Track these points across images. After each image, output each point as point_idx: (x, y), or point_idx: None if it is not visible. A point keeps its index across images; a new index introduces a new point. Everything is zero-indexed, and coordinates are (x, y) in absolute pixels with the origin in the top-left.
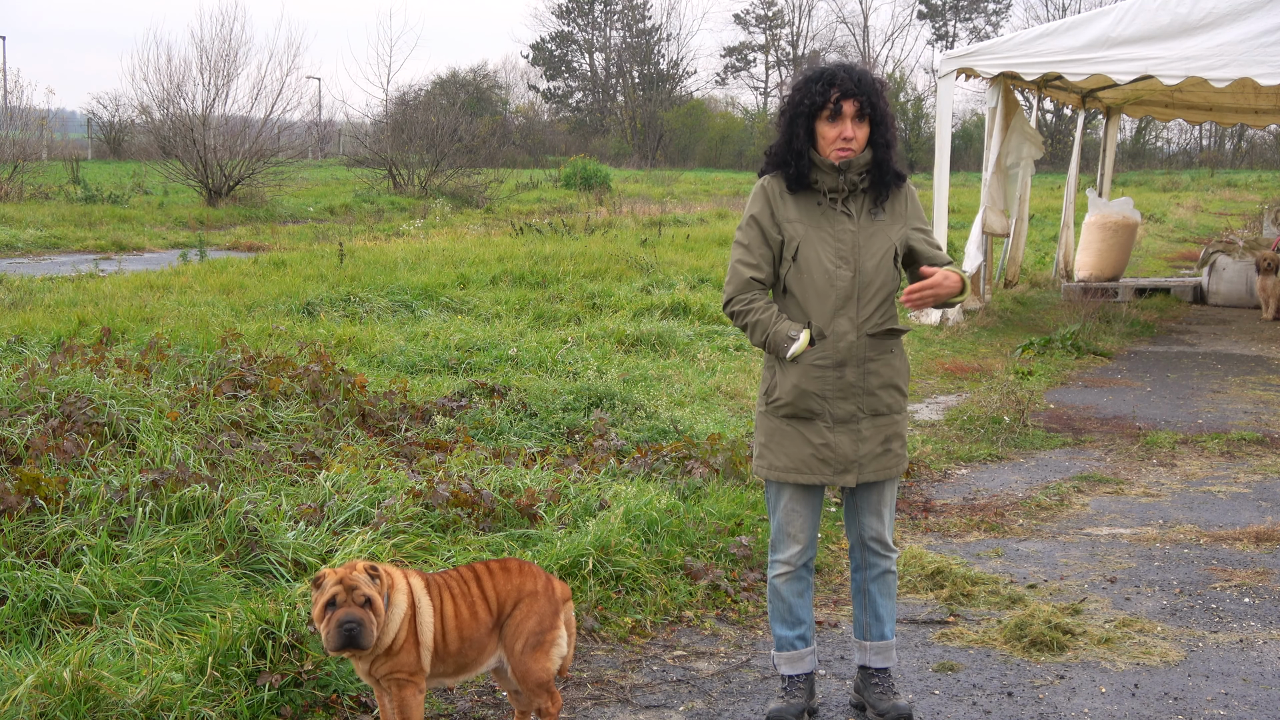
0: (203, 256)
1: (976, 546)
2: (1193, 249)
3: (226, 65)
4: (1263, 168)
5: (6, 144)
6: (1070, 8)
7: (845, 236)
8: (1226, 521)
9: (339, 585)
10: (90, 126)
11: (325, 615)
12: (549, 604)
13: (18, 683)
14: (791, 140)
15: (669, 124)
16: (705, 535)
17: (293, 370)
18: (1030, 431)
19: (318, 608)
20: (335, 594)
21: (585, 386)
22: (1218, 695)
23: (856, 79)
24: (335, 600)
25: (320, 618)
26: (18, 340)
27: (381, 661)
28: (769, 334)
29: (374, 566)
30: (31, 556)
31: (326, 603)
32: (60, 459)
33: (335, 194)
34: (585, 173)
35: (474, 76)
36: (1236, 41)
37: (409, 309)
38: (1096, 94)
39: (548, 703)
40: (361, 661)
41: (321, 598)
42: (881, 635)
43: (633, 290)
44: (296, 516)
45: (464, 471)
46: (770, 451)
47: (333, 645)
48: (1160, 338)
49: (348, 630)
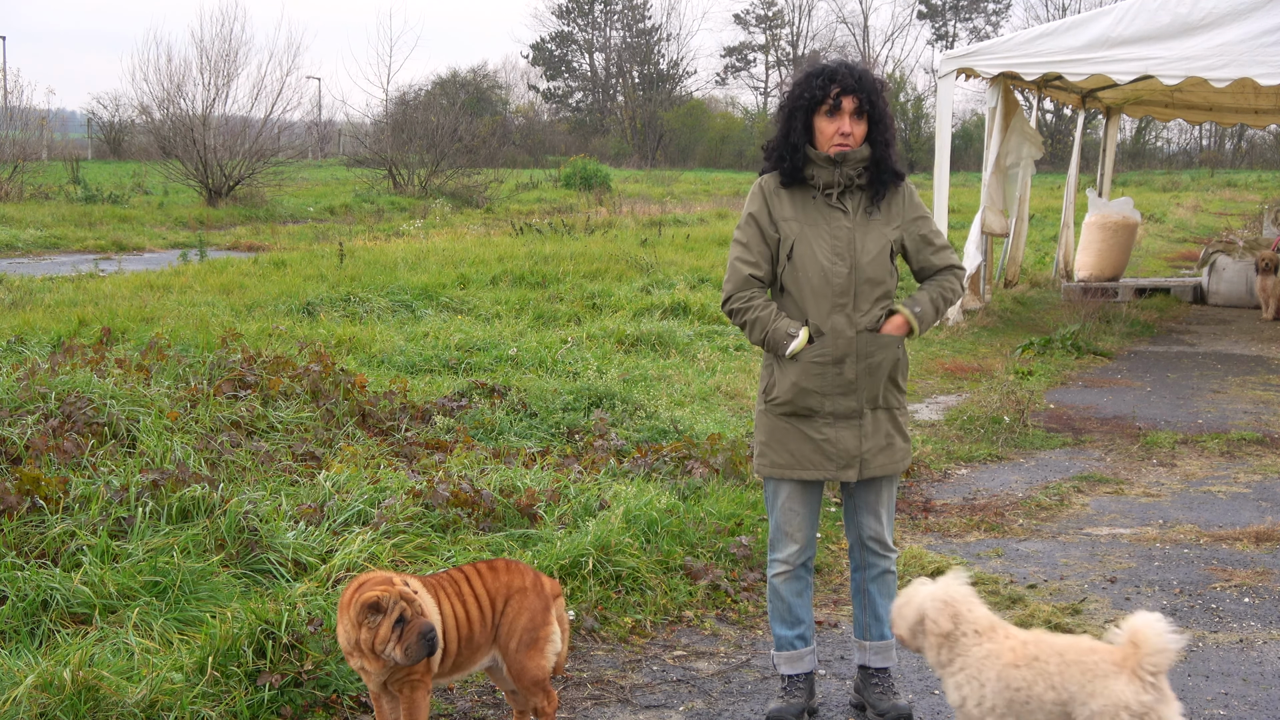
0: (203, 256)
1: (976, 546)
2: (1193, 249)
3: (226, 65)
4: (1263, 168)
5: (6, 144)
6: (1070, 8)
7: (841, 233)
8: (1226, 521)
9: (403, 601)
10: (90, 126)
11: (396, 631)
12: (539, 600)
13: (18, 683)
14: (789, 134)
15: (669, 124)
16: (705, 535)
17: (293, 370)
18: (1030, 431)
19: (386, 628)
20: (402, 610)
21: (585, 386)
22: (1218, 695)
23: (857, 76)
24: (404, 616)
25: (390, 636)
26: (18, 340)
27: (399, 666)
28: (767, 332)
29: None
30: (31, 556)
31: (396, 620)
32: (60, 459)
33: (335, 194)
34: (585, 173)
35: (474, 76)
36: (1236, 41)
37: (409, 309)
38: (1096, 94)
39: (544, 702)
40: (381, 667)
41: (390, 617)
42: (881, 635)
43: (633, 290)
44: (296, 516)
45: (464, 471)
46: (771, 449)
47: (415, 657)
48: (1160, 338)
49: (430, 639)
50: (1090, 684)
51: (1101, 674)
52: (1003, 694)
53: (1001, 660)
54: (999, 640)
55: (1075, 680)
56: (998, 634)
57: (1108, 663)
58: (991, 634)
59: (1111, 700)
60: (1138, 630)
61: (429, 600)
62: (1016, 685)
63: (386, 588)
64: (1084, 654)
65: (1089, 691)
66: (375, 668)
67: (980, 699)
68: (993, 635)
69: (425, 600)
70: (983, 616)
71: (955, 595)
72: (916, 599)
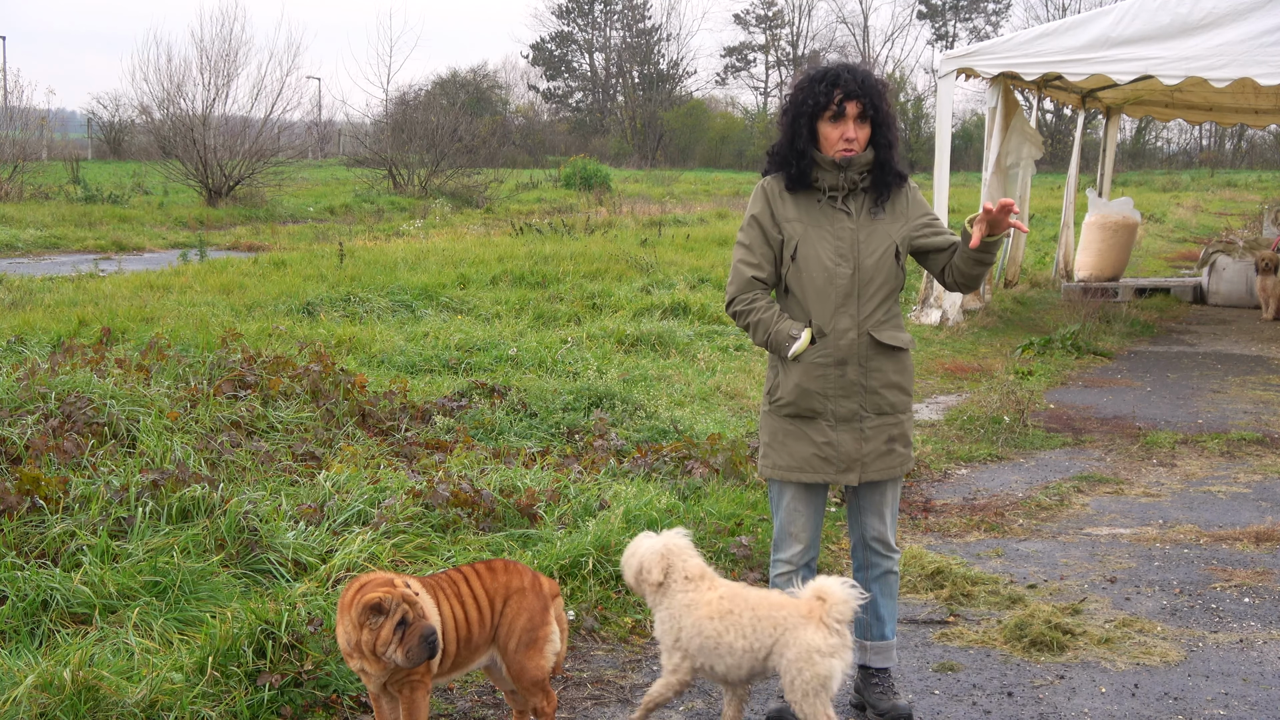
0: (203, 256)
1: (976, 546)
2: (1193, 249)
3: (226, 65)
4: (1263, 168)
5: (6, 144)
6: (1070, 8)
7: (845, 234)
8: (1226, 521)
9: (405, 604)
10: (90, 126)
11: (398, 633)
12: (538, 600)
13: (18, 683)
14: (794, 139)
15: (669, 124)
16: (705, 535)
17: (293, 370)
18: (1030, 431)
19: (388, 630)
20: (404, 613)
21: (585, 386)
22: (1218, 695)
23: (860, 80)
24: (406, 618)
25: (391, 638)
26: (18, 340)
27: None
28: (770, 333)
29: (396, 580)
30: (31, 556)
31: (398, 622)
32: (60, 459)
33: (335, 194)
34: (585, 173)
35: (474, 76)
36: (1236, 41)
37: (409, 309)
38: (1096, 94)
39: (543, 702)
40: (382, 669)
41: (392, 619)
42: (882, 635)
43: (633, 290)
44: (296, 516)
45: (464, 471)
46: (774, 451)
47: (416, 659)
48: (1160, 338)
49: (431, 642)
50: (785, 634)
51: (794, 625)
52: (695, 639)
53: (699, 612)
54: (702, 591)
55: (768, 632)
56: (704, 585)
57: (798, 615)
58: (699, 583)
59: (805, 646)
60: (822, 588)
61: (429, 601)
62: (709, 634)
63: (389, 589)
64: (775, 609)
65: (785, 641)
66: (376, 669)
67: (676, 640)
68: (699, 585)
69: (425, 602)
70: (695, 566)
71: (672, 547)
72: (640, 550)
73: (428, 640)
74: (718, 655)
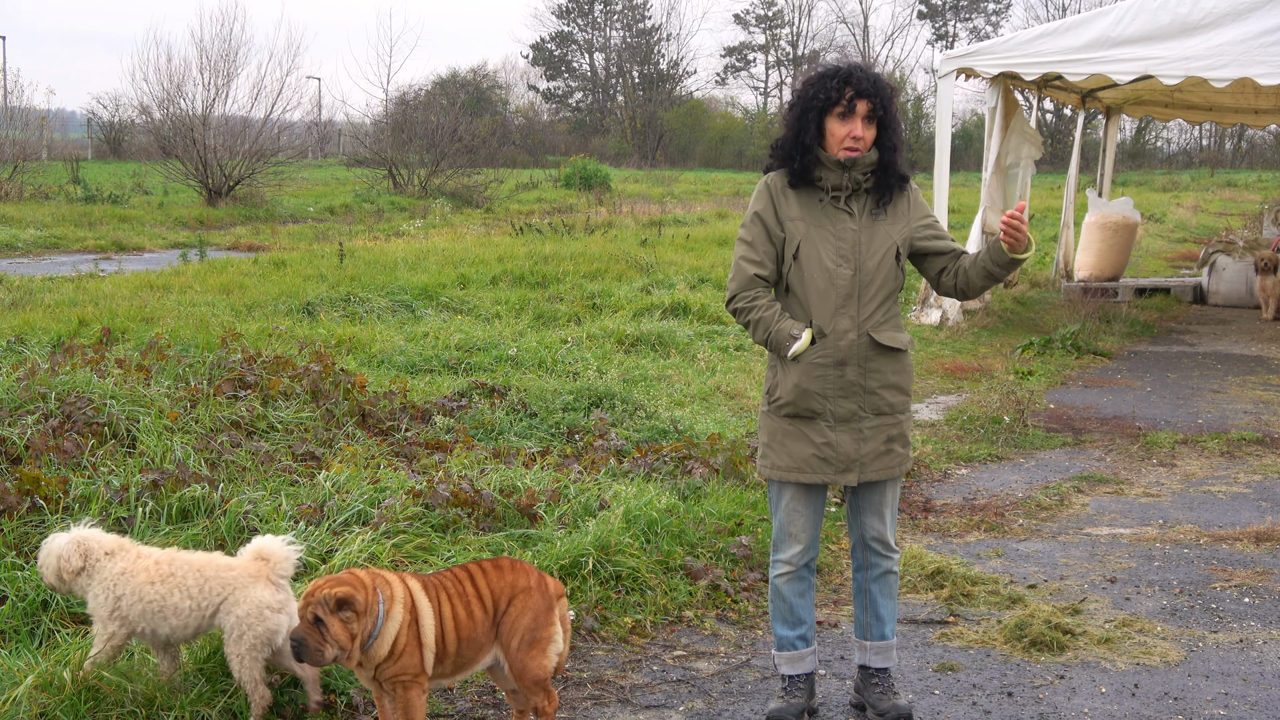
0: (203, 256)
1: (976, 546)
2: (1193, 249)
3: (226, 65)
4: (1263, 168)
5: (6, 144)
6: (1070, 8)
7: (846, 235)
8: (1226, 521)
9: (301, 602)
10: (90, 126)
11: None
12: (543, 600)
13: (18, 683)
14: (800, 134)
15: (669, 124)
16: (705, 535)
17: (293, 370)
18: (1030, 431)
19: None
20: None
21: (585, 386)
22: (1218, 695)
23: (872, 80)
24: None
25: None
26: (18, 340)
27: (386, 666)
28: (771, 332)
29: (375, 577)
30: (31, 556)
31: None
32: (60, 459)
33: (335, 194)
34: (585, 173)
35: (474, 76)
36: (1236, 41)
37: (409, 309)
38: (1096, 94)
39: (544, 701)
40: (364, 669)
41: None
42: (882, 635)
43: (633, 290)
44: (296, 516)
45: (464, 471)
46: (773, 451)
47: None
48: (1160, 338)
49: (295, 647)
50: (235, 593)
51: (242, 585)
52: (136, 605)
53: (138, 579)
54: (130, 559)
55: (217, 591)
56: (129, 553)
57: (245, 575)
58: (124, 553)
59: (256, 602)
60: (264, 548)
61: (424, 601)
62: (151, 598)
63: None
64: (221, 570)
65: (234, 599)
66: (348, 667)
67: (114, 610)
68: (126, 554)
69: (422, 603)
70: (110, 541)
71: (83, 534)
72: (53, 549)
73: (291, 642)
74: (162, 618)
